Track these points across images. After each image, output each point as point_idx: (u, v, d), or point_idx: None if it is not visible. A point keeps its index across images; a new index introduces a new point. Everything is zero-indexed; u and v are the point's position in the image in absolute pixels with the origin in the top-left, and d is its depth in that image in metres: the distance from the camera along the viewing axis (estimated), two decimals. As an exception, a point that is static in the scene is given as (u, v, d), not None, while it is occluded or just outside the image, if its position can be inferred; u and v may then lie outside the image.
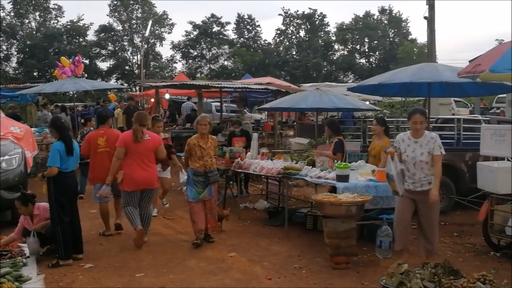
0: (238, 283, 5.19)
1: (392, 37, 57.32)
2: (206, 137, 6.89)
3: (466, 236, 7.29)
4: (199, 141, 6.81)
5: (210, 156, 6.87)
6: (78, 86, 13.70)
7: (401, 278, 4.44)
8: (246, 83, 16.38)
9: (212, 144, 6.96)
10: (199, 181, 6.77)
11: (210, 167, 6.84)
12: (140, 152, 6.56)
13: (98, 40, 52.51)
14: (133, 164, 6.52)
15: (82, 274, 5.62)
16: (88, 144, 7.31)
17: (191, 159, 6.84)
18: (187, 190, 6.97)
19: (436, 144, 5.32)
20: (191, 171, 6.81)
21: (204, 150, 6.77)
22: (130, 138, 6.55)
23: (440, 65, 8.14)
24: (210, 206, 6.94)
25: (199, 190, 6.76)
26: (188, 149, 6.88)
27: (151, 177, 6.68)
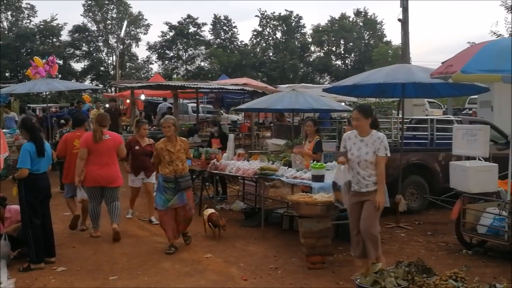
0: (214, 284, 5.16)
1: (367, 39, 58.01)
2: (174, 140, 6.49)
3: (439, 235, 7.40)
4: (166, 145, 6.44)
5: (181, 160, 6.47)
6: (51, 87, 13.41)
7: (375, 277, 4.46)
8: (222, 84, 16.34)
9: (182, 147, 6.54)
10: (169, 187, 6.39)
11: (181, 172, 6.43)
12: (101, 151, 6.92)
13: (72, 41, 51.72)
14: (94, 163, 6.92)
15: (54, 277, 5.51)
16: (65, 144, 7.57)
17: (160, 164, 6.47)
18: (156, 196, 6.59)
19: (382, 145, 5.11)
20: (161, 177, 6.46)
21: (173, 154, 6.40)
22: (91, 139, 6.92)
23: (414, 66, 8.23)
24: (184, 214, 6.51)
25: (168, 197, 6.38)
26: (156, 154, 6.53)
27: (111, 176, 7.00)
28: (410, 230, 7.70)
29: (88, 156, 6.92)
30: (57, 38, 50.52)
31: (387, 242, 6.96)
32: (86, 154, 6.90)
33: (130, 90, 17.45)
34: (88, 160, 6.92)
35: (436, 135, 9.48)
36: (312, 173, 6.46)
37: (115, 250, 6.55)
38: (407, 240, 7.10)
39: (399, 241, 7.06)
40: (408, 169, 8.71)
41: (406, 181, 8.64)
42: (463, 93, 8.91)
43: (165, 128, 6.45)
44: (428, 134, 9.49)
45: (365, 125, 5.17)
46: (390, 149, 9.05)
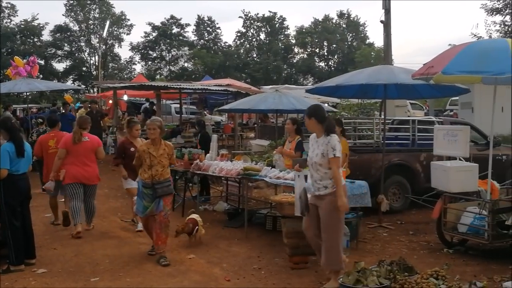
0: (197, 285, 5.14)
1: (350, 41, 58.34)
2: (158, 143, 6.08)
3: (421, 234, 7.48)
4: (149, 148, 6.05)
5: (162, 165, 6.03)
6: (32, 87, 13.24)
7: (358, 276, 4.51)
8: (205, 85, 16.30)
9: (166, 152, 6.11)
10: (147, 193, 5.99)
11: (159, 178, 5.97)
12: (79, 152, 7.31)
13: (53, 40, 50.98)
14: (73, 163, 7.28)
15: (35, 279, 5.43)
16: (40, 145, 7.98)
17: (141, 168, 6.09)
18: (136, 202, 6.32)
19: (329, 145, 4.85)
20: (140, 182, 6.10)
21: (154, 158, 5.99)
22: (70, 140, 7.30)
23: (396, 68, 8.32)
24: (159, 220, 5.96)
25: (146, 204, 6.01)
26: (138, 156, 6.13)
27: (90, 175, 7.39)
28: (392, 229, 7.77)
29: (68, 156, 7.27)
30: (38, 38, 49.73)
31: (370, 241, 7.02)
32: (65, 154, 7.27)
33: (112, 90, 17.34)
34: (68, 160, 7.27)
35: (417, 136, 9.58)
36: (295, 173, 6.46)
37: (97, 251, 6.48)
38: (389, 240, 7.17)
39: (382, 240, 7.12)
40: (390, 169, 8.80)
41: (388, 181, 8.72)
42: (444, 94, 9.02)
43: (150, 130, 6.04)
44: (410, 134, 9.59)
45: (312, 125, 5.03)
46: (372, 150, 9.21)
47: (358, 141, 9.91)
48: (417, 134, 9.57)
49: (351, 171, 7.64)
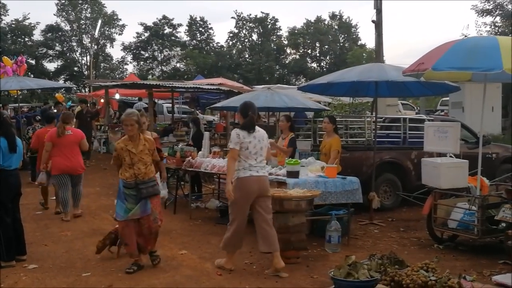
0: (188, 280, 5.13)
1: (342, 42, 58.56)
2: (137, 139, 5.56)
3: (411, 231, 7.54)
4: (127, 145, 5.53)
5: (144, 163, 5.52)
6: (23, 85, 13.15)
7: (349, 269, 4.54)
8: (198, 84, 16.29)
9: (146, 147, 5.58)
10: (130, 194, 5.45)
11: (143, 177, 5.46)
12: (64, 145, 7.96)
13: (45, 40, 50.78)
14: (59, 155, 7.93)
15: (26, 275, 5.39)
16: (37, 139, 8.72)
17: (121, 167, 5.58)
18: (116, 205, 5.67)
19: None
20: (121, 182, 5.53)
21: (134, 155, 5.48)
22: (55, 134, 7.97)
23: (387, 65, 8.38)
24: (148, 226, 5.49)
25: (130, 206, 5.43)
26: (116, 155, 5.62)
27: (75, 165, 8.06)
28: (383, 226, 7.82)
29: (54, 149, 7.94)
30: (29, 37, 49.52)
31: (361, 238, 7.06)
32: (51, 147, 7.94)
33: (104, 89, 17.29)
34: (54, 152, 7.95)
35: (408, 134, 9.65)
36: (287, 169, 6.51)
37: (88, 248, 6.44)
38: (380, 236, 7.22)
39: (373, 237, 7.17)
40: (382, 167, 8.86)
41: (380, 179, 8.79)
42: (435, 93, 9.09)
43: (127, 127, 5.51)
44: (401, 133, 9.65)
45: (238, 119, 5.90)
46: (363, 148, 9.27)
47: (349, 139, 9.97)
48: (408, 132, 9.65)
49: (342, 168, 7.68)
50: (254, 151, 5.43)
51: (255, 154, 5.43)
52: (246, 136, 5.44)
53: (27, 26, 48.59)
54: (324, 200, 6.42)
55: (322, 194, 6.20)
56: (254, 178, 5.37)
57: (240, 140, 5.40)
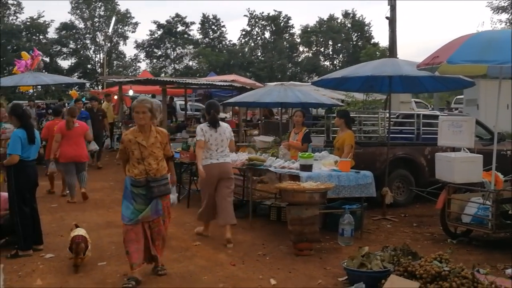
0: (203, 270, 5.19)
1: (355, 40, 58.34)
2: (148, 131, 4.94)
3: (424, 226, 7.51)
4: (136, 137, 4.91)
5: (156, 157, 4.92)
6: (39, 80, 13.32)
7: (362, 260, 4.55)
8: (211, 80, 16.35)
9: (159, 140, 4.98)
10: (139, 194, 4.87)
11: (155, 174, 4.89)
12: (71, 136, 8.92)
13: (59, 38, 51.26)
14: (67, 145, 8.86)
15: (43, 263, 5.50)
16: (47, 130, 9.61)
17: (128, 162, 4.99)
18: (122, 206, 5.00)
19: None
20: (129, 179, 4.93)
21: (145, 149, 4.87)
22: (64, 127, 8.90)
23: (401, 60, 8.33)
24: (158, 229, 5.00)
25: (138, 207, 4.85)
26: (122, 148, 4.99)
27: (80, 154, 9.04)
28: (396, 222, 7.80)
29: (62, 140, 8.86)
30: (44, 35, 50.03)
31: (374, 232, 7.06)
32: (60, 138, 8.85)
33: (118, 85, 17.40)
34: (62, 143, 8.87)
35: (422, 130, 9.60)
36: (301, 162, 6.53)
37: (103, 239, 6.54)
38: (393, 231, 7.20)
39: (386, 231, 7.16)
40: (395, 163, 8.82)
41: (393, 174, 8.75)
42: (449, 88, 9.02)
43: (139, 114, 4.86)
44: (415, 129, 9.61)
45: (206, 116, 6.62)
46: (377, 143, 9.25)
47: (363, 135, 9.95)
48: (421, 129, 9.60)
49: (356, 164, 7.67)
50: (215, 143, 6.36)
51: (216, 146, 6.36)
52: (208, 131, 6.36)
53: (41, 24, 49.07)
54: (338, 194, 6.41)
55: (335, 187, 6.20)
56: (214, 165, 6.34)
57: (203, 134, 6.34)
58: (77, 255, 5.21)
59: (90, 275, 5.11)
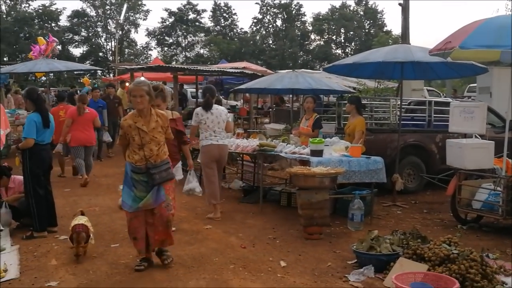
0: (214, 252, 5.27)
1: (368, 28, 57.88)
2: (148, 115, 4.73)
3: (435, 213, 7.52)
4: (136, 122, 4.68)
5: (157, 142, 4.72)
6: (51, 67, 13.43)
7: (371, 243, 4.59)
8: (222, 67, 16.37)
9: (160, 124, 4.76)
10: (140, 180, 4.69)
11: (155, 160, 4.68)
12: (82, 121, 9.48)
13: (71, 26, 51.51)
14: (77, 129, 9.35)
15: (57, 244, 5.61)
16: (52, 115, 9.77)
17: (129, 148, 4.78)
18: (122, 192, 4.87)
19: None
20: (129, 165, 4.74)
21: (145, 134, 4.65)
22: (76, 112, 9.49)
23: (413, 46, 8.25)
24: (160, 215, 4.75)
25: (139, 194, 4.67)
26: (122, 134, 4.78)
27: (89, 138, 9.65)
28: (406, 208, 7.81)
29: (73, 125, 9.35)
30: (56, 23, 50.32)
31: (384, 218, 7.09)
32: (71, 123, 9.34)
33: (129, 73, 17.48)
34: (73, 127, 9.37)
35: (434, 117, 9.56)
36: (311, 148, 6.55)
37: (116, 222, 6.64)
38: (403, 217, 7.23)
39: (395, 217, 7.19)
40: (406, 150, 8.81)
41: (404, 161, 8.74)
42: (462, 74, 8.95)
43: (136, 98, 4.64)
44: (426, 116, 9.57)
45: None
46: (388, 130, 9.23)
47: (374, 122, 9.93)
48: (433, 116, 9.56)
49: (367, 151, 7.67)
50: (212, 124, 6.74)
51: (213, 127, 6.74)
52: (204, 114, 6.76)
53: (53, 12, 49.32)
54: (348, 179, 6.43)
55: (346, 173, 6.22)
56: (214, 145, 6.76)
57: (198, 118, 6.78)
58: (78, 244, 5.08)
59: (103, 257, 5.21)
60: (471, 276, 3.88)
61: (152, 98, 4.79)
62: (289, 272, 4.65)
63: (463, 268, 3.92)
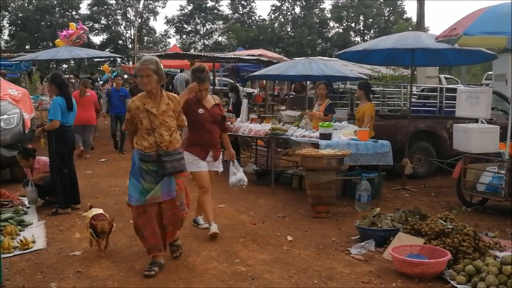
0: (225, 227, 5.60)
1: (387, 15, 57.27)
2: (158, 96, 4.27)
3: (442, 196, 7.73)
4: (145, 103, 4.23)
5: (168, 127, 4.24)
6: (73, 54, 13.88)
7: (373, 220, 4.86)
8: (238, 55, 16.62)
9: (171, 108, 4.29)
10: (149, 170, 4.20)
11: (168, 147, 4.21)
12: (84, 103, 10.45)
13: (91, 14, 52.15)
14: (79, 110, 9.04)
15: (80, 220, 5.98)
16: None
17: (136, 134, 4.31)
18: (129, 184, 4.38)
19: None
20: (137, 153, 4.25)
21: (155, 118, 4.19)
22: (78, 94, 10.55)
23: (423, 33, 8.44)
24: (171, 213, 4.28)
25: (147, 186, 4.19)
26: (129, 117, 4.30)
27: (89, 118, 10.87)
28: (414, 191, 8.02)
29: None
30: (77, 11, 51.04)
31: (391, 200, 7.32)
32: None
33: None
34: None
35: (445, 104, 9.70)
36: (320, 131, 6.81)
37: (135, 201, 7.00)
38: (410, 199, 7.44)
39: (403, 200, 7.41)
40: (416, 136, 8.98)
41: (414, 147, 8.91)
42: (472, 61, 9.06)
43: (142, 78, 4.17)
44: (437, 102, 9.71)
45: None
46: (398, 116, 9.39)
47: (386, 108, 10.11)
48: (444, 102, 9.70)
49: (377, 136, 7.87)
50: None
51: None
52: None
53: (74, 0, 49.94)
54: (356, 162, 6.69)
55: (353, 155, 6.47)
56: None
57: None
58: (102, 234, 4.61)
59: (123, 231, 5.58)
60: (463, 249, 4.13)
61: (162, 78, 4.24)
62: (295, 245, 4.97)
63: (456, 242, 4.17)
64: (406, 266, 4.06)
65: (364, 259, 4.55)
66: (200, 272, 4.28)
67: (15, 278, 4.18)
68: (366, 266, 4.40)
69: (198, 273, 4.26)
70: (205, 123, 5.27)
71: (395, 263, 4.18)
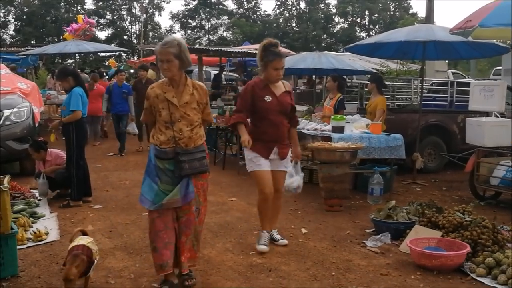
0: (238, 220, 5.59)
1: (393, 10, 57.01)
2: (182, 85, 3.71)
3: (454, 190, 7.69)
4: (166, 92, 3.68)
5: (190, 122, 3.68)
6: (81, 48, 13.91)
7: (389, 212, 4.83)
8: (245, 49, 16.58)
9: (196, 99, 3.72)
10: (165, 169, 3.66)
11: (187, 145, 3.66)
12: (91, 95, 9.75)
13: (96, 9, 52.09)
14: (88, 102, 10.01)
15: (92, 213, 6.00)
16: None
17: (154, 126, 3.78)
18: (143, 184, 3.81)
19: None
20: (153, 149, 3.73)
21: (176, 109, 3.65)
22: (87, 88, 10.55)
23: (435, 26, 8.37)
24: (187, 219, 3.74)
25: (164, 187, 3.65)
26: (148, 106, 3.77)
27: (96, 109, 11.17)
28: (425, 186, 7.98)
29: None
30: (82, 6, 50.94)
31: (403, 194, 7.28)
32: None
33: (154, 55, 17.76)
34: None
35: (456, 98, 9.64)
36: (333, 124, 6.78)
37: (146, 194, 6.99)
38: (422, 193, 7.40)
39: (415, 194, 7.37)
40: (427, 130, 8.93)
41: (425, 141, 8.87)
42: (484, 55, 8.97)
43: (163, 63, 3.59)
44: (448, 96, 9.66)
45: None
46: (409, 110, 9.35)
47: (396, 102, 10.07)
48: (455, 96, 9.64)
49: (388, 130, 7.83)
50: None
51: None
52: None
53: (80, -5, 49.91)
54: (368, 155, 6.65)
55: (366, 149, 6.44)
56: None
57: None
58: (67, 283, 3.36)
59: (136, 223, 5.57)
60: (482, 242, 4.09)
61: (185, 63, 3.65)
62: (309, 238, 4.94)
63: (475, 234, 4.13)
64: (424, 258, 4.02)
65: (381, 252, 4.52)
66: (216, 264, 4.27)
67: (30, 269, 4.18)
68: (383, 259, 4.37)
69: (214, 265, 4.25)
70: (271, 113, 4.42)
71: (413, 255, 4.15)
